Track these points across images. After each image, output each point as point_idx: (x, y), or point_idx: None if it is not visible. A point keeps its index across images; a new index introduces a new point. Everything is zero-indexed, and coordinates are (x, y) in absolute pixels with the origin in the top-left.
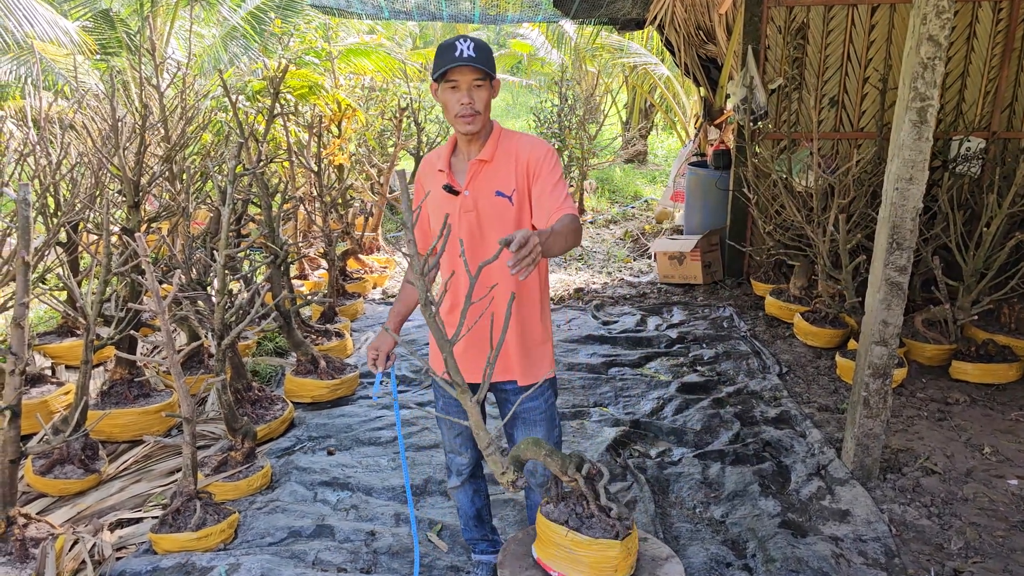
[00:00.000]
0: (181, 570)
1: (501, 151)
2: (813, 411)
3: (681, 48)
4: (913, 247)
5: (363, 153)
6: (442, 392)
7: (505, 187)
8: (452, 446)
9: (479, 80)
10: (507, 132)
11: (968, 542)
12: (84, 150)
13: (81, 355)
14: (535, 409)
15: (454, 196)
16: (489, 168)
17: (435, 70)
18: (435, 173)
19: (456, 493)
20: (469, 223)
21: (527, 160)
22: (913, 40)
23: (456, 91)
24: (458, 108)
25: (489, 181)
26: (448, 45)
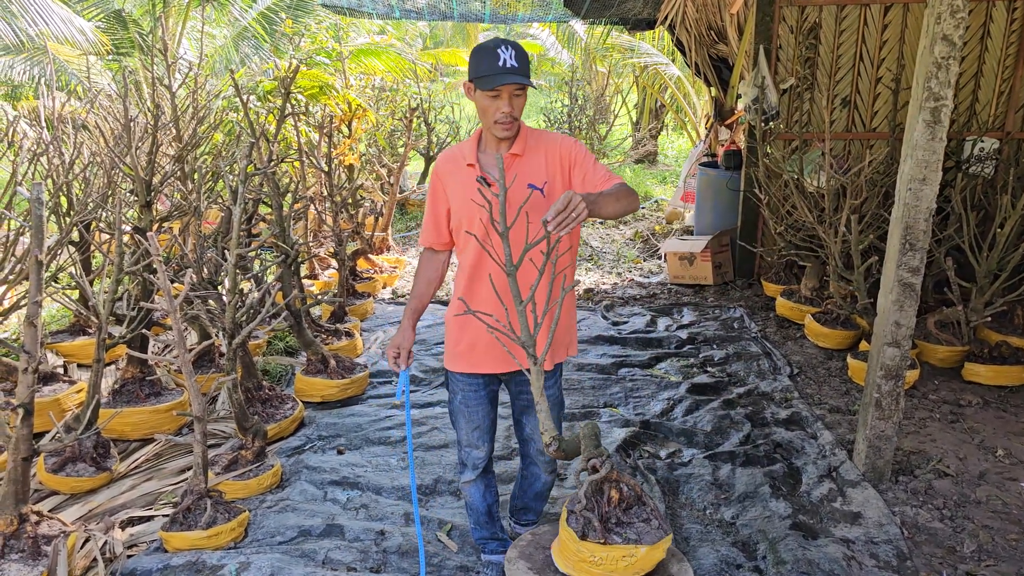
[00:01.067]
0: (191, 568)
1: (530, 146)
2: (824, 413)
3: (692, 48)
4: (926, 248)
5: (373, 153)
6: (461, 386)
7: (536, 179)
8: (470, 440)
9: (519, 89)
10: (531, 129)
11: (981, 545)
12: (97, 150)
13: (93, 353)
14: (548, 396)
15: (487, 188)
16: (521, 161)
17: (475, 74)
18: (461, 168)
19: (469, 488)
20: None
21: (559, 153)
22: (927, 40)
23: (497, 100)
24: (498, 116)
25: (521, 175)
26: (489, 51)
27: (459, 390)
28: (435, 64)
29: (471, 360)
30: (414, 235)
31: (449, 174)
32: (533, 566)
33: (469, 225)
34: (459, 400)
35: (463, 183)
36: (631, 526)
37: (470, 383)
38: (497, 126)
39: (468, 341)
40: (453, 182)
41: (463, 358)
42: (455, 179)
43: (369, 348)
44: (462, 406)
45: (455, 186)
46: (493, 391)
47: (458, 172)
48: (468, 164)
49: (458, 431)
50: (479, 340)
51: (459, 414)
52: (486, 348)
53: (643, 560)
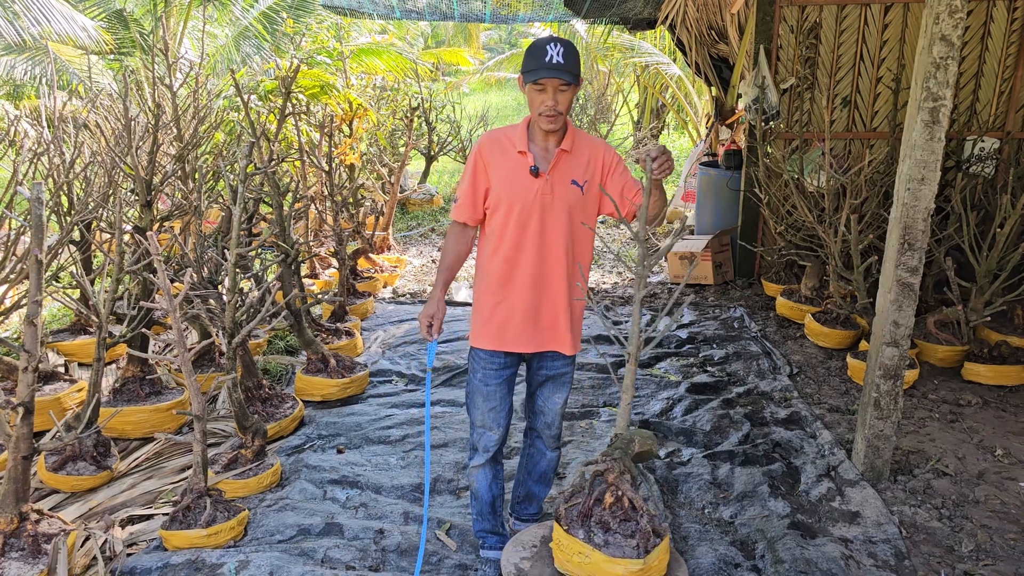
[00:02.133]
0: (191, 567)
1: (577, 145)
2: (823, 412)
3: (692, 48)
4: (925, 248)
5: (374, 152)
6: (483, 364)
7: (579, 177)
8: (485, 420)
9: (565, 85)
10: (576, 129)
11: (979, 544)
12: (98, 149)
13: (94, 352)
14: (566, 373)
15: (534, 178)
16: (569, 158)
17: (524, 68)
18: (512, 153)
19: (477, 473)
20: (544, 203)
21: (601, 157)
22: (925, 40)
23: (542, 93)
24: (543, 108)
25: (567, 169)
26: (539, 48)
27: (480, 367)
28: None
29: (501, 338)
30: (415, 235)
31: (495, 156)
32: (528, 554)
33: (510, 209)
34: (479, 378)
35: (511, 168)
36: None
37: (492, 361)
38: (542, 118)
39: (500, 320)
40: (499, 165)
41: (492, 336)
42: (502, 162)
43: (369, 347)
44: (481, 384)
45: (501, 169)
46: (512, 373)
47: (506, 156)
48: (519, 151)
49: (473, 412)
50: (512, 319)
51: (477, 393)
52: (519, 328)
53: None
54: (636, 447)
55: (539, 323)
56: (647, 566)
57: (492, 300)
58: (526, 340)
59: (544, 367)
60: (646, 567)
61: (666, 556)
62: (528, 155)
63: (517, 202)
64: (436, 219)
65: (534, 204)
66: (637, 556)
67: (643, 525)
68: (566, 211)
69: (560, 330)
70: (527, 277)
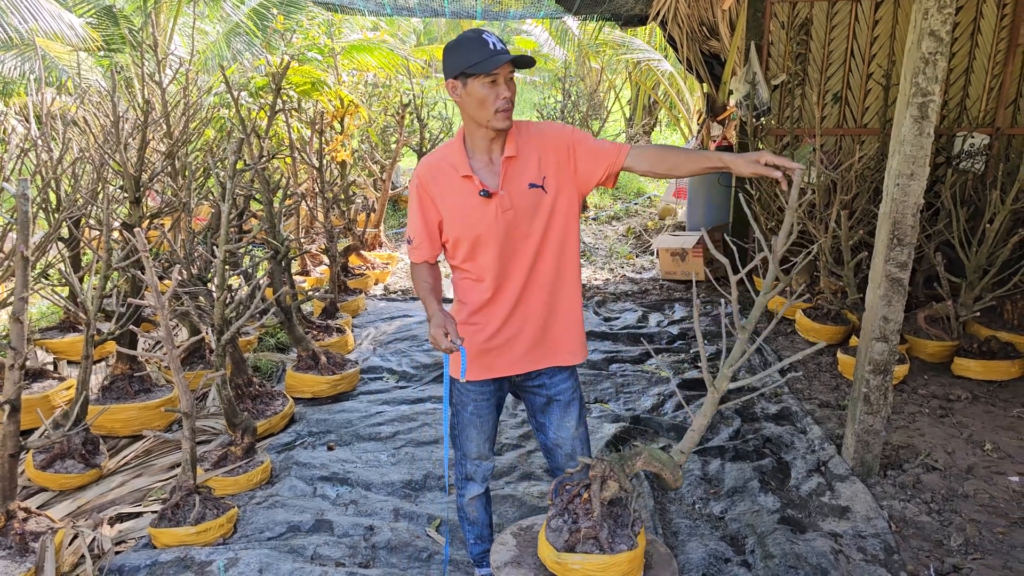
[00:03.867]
0: (180, 564)
1: (522, 145)
2: (814, 407)
3: (684, 44)
4: (914, 243)
5: (365, 149)
6: (473, 396)
7: (535, 177)
8: (480, 451)
9: (511, 73)
10: (518, 123)
11: (968, 539)
12: (86, 146)
13: (82, 350)
14: (568, 389)
15: (488, 200)
16: (517, 163)
17: (466, 64)
18: (456, 179)
19: (475, 503)
20: (507, 221)
21: (552, 145)
22: (914, 35)
23: (496, 85)
24: (500, 103)
25: (520, 176)
26: (474, 39)
27: (470, 400)
28: (429, 61)
29: (485, 363)
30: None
31: (439, 186)
32: (518, 542)
33: (472, 241)
34: (470, 411)
35: (459, 197)
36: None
37: (482, 391)
38: (499, 115)
39: (485, 347)
40: (446, 195)
41: (481, 367)
42: (448, 191)
43: (360, 344)
44: (474, 417)
45: (449, 200)
46: (501, 397)
47: (450, 184)
48: (464, 176)
49: (466, 445)
50: (493, 341)
51: (470, 426)
52: (501, 349)
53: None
54: (639, 464)
55: (531, 341)
56: (561, 562)
57: (474, 328)
58: (512, 361)
59: (543, 386)
60: (560, 563)
61: (604, 573)
62: (474, 178)
63: (477, 231)
64: None
65: (497, 228)
66: (559, 548)
67: (581, 525)
68: (535, 219)
69: (556, 342)
70: (510, 300)
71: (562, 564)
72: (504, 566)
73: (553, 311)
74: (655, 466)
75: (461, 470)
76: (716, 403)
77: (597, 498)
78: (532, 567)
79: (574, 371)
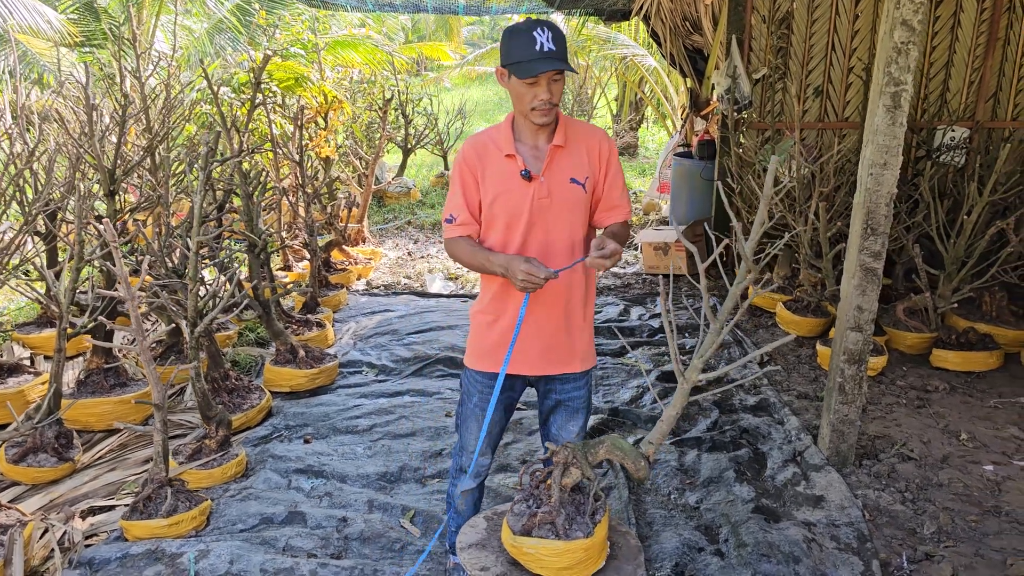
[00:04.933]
0: (151, 556)
1: (571, 137)
2: (792, 399)
3: (667, 39)
4: (888, 233)
5: (350, 145)
6: (480, 387)
7: (579, 174)
8: (478, 446)
9: (557, 75)
10: (568, 118)
11: (941, 527)
12: (64, 140)
13: (55, 343)
14: (579, 397)
15: (527, 182)
16: (564, 153)
17: (509, 60)
18: (499, 158)
19: (467, 497)
20: (543, 208)
21: (599, 149)
22: (887, 25)
23: (535, 87)
24: (536, 103)
25: (563, 168)
26: (524, 33)
27: (477, 391)
28: (417, 58)
29: (496, 359)
30: (392, 227)
31: (483, 163)
32: (488, 526)
33: (505, 221)
34: (475, 402)
35: (501, 175)
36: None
37: (489, 384)
38: (535, 113)
39: (497, 339)
40: (488, 173)
41: (490, 356)
42: (491, 169)
43: (341, 338)
44: (477, 409)
45: (491, 178)
46: (514, 399)
47: (494, 162)
48: (507, 155)
49: (465, 437)
50: (505, 340)
51: (471, 418)
52: (522, 348)
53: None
54: (601, 453)
55: (545, 342)
56: (516, 546)
57: (491, 317)
58: (531, 362)
59: (554, 391)
60: (515, 546)
61: (558, 559)
62: (517, 158)
63: (512, 212)
64: (413, 212)
65: (531, 212)
66: (516, 532)
67: (535, 510)
68: (568, 214)
69: (569, 348)
70: (532, 293)
71: (517, 547)
72: (468, 547)
73: (571, 313)
74: (617, 455)
75: (457, 460)
76: (687, 394)
77: (557, 484)
78: (495, 550)
79: (589, 380)
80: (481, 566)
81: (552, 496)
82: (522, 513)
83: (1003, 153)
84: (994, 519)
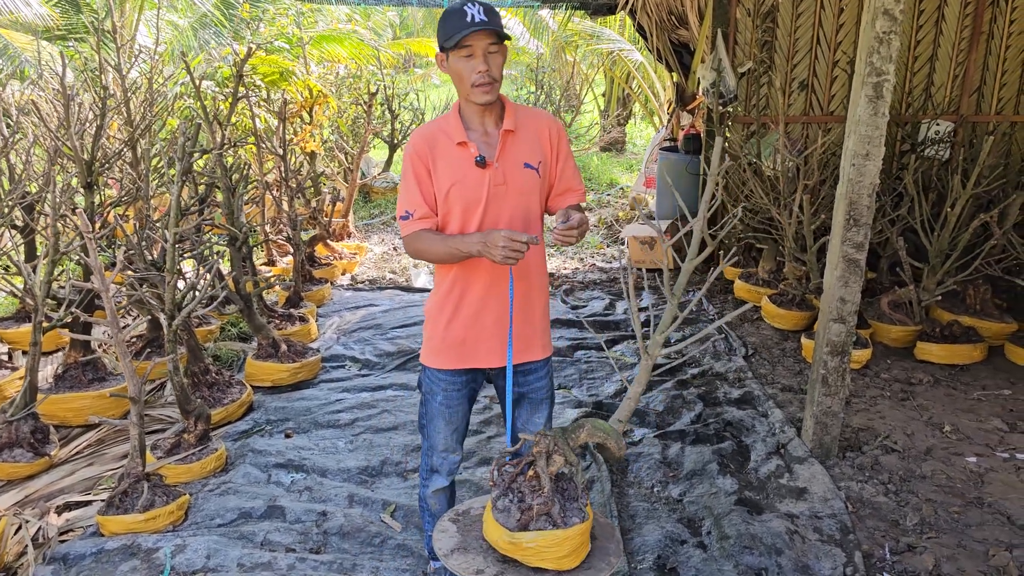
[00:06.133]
0: (126, 552)
1: (521, 122)
2: (776, 392)
3: (653, 33)
4: (870, 224)
5: (335, 140)
6: (443, 385)
7: (532, 159)
8: (448, 444)
9: (494, 45)
10: (515, 103)
11: (924, 518)
12: (43, 133)
13: (30, 337)
14: (542, 388)
15: (482, 169)
16: (515, 138)
17: (444, 38)
18: (451, 147)
19: (440, 496)
20: (498, 195)
21: (549, 132)
22: (869, 15)
23: (471, 59)
24: (475, 77)
25: (516, 153)
26: (456, 11)
27: (440, 390)
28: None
29: (461, 354)
30: (377, 222)
31: (434, 154)
32: (459, 528)
33: (461, 211)
34: (440, 401)
35: (454, 164)
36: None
37: (453, 381)
38: (476, 90)
39: (460, 334)
40: (440, 162)
41: (451, 352)
42: (443, 159)
43: (324, 333)
44: (443, 407)
45: (442, 166)
46: (474, 389)
47: (446, 152)
48: (459, 143)
49: (433, 437)
50: (473, 331)
51: (438, 417)
52: (478, 340)
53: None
54: (582, 435)
55: (506, 332)
56: (515, 542)
57: (449, 313)
58: (491, 353)
59: (516, 384)
60: (514, 542)
61: (558, 548)
62: (469, 145)
63: (469, 200)
64: None
65: (487, 199)
66: (512, 528)
67: (531, 503)
68: (524, 199)
69: (531, 335)
70: (487, 283)
71: (516, 544)
72: (452, 553)
73: (530, 302)
74: (599, 436)
75: (427, 461)
76: (649, 370)
77: (546, 474)
78: (479, 551)
79: (550, 370)
80: (475, 569)
81: (544, 486)
82: (508, 509)
83: (986, 146)
84: (976, 510)
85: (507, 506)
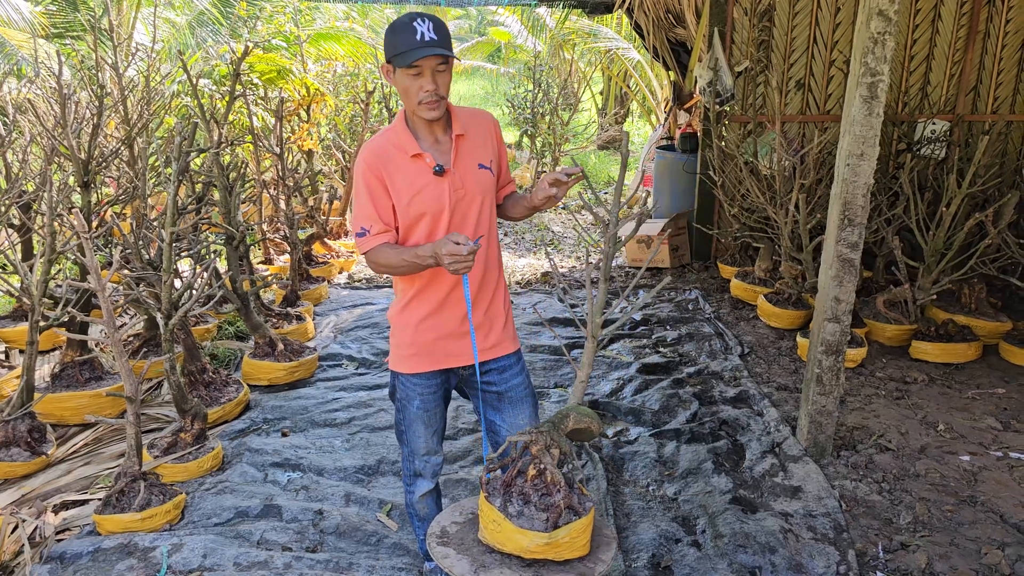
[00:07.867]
0: (123, 551)
1: (469, 125)
2: (772, 390)
3: (650, 32)
4: (865, 223)
5: (332, 138)
6: (419, 390)
7: (484, 158)
8: (429, 446)
9: (442, 64)
10: (456, 107)
11: (917, 517)
12: (40, 131)
13: (27, 336)
14: (520, 385)
15: (441, 177)
16: (466, 141)
17: (392, 52)
18: (404, 160)
19: (427, 500)
20: (458, 200)
21: (492, 130)
22: (863, 15)
23: (419, 77)
24: (422, 95)
25: (470, 155)
26: (405, 26)
27: (417, 395)
28: None
29: (434, 356)
30: None
31: (388, 169)
32: (461, 519)
33: (427, 222)
34: (417, 406)
35: (411, 177)
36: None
37: (428, 384)
38: (422, 107)
39: (431, 337)
40: (396, 176)
41: (423, 356)
42: (399, 173)
43: (321, 332)
44: (421, 411)
45: (399, 180)
46: (448, 390)
47: (400, 166)
48: (413, 155)
49: (414, 442)
50: (440, 333)
51: (417, 421)
52: (448, 339)
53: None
54: (571, 423)
55: (477, 331)
56: (552, 540)
57: (416, 317)
58: (461, 353)
59: (493, 383)
60: (551, 541)
61: (584, 534)
62: (425, 156)
63: (433, 210)
64: None
65: (451, 206)
66: (544, 530)
67: (556, 500)
68: (483, 198)
69: (500, 329)
70: (449, 284)
71: (552, 543)
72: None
73: (495, 298)
74: (584, 421)
75: (409, 467)
76: (594, 351)
77: (556, 471)
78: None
79: (523, 365)
80: None
81: (559, 481)
82: (525, 513)
83: (981, 145)
84: (970, 509)
85: (527, 512)
